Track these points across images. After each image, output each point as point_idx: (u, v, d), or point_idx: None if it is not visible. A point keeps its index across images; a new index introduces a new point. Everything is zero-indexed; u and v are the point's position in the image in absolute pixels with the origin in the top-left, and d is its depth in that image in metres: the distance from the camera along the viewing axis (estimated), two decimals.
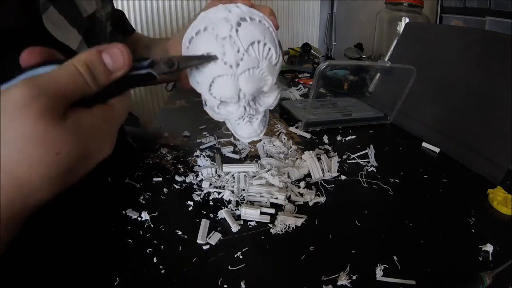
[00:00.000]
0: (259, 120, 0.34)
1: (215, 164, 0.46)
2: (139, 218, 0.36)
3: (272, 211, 0.37)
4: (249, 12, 0.28)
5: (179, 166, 0.46)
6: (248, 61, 0.27)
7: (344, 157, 0.50)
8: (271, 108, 0.34)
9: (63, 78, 0.20)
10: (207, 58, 0.27)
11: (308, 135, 0.58)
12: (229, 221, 0.35)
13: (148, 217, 0.36)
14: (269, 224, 0.35)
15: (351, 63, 1.04)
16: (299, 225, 0.35)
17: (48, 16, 0.33)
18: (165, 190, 0.41)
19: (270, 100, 0.33)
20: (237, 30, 0.27)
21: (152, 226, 0.35)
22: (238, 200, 0.39)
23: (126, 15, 0.61)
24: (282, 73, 1.12)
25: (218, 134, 0.58)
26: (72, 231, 0.33)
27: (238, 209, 0.37)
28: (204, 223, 0.35)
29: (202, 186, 0.41)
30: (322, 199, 0.40)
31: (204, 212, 0.37)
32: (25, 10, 0.31)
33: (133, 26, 0.62)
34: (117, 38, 0.54)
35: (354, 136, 0.58)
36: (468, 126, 0.51)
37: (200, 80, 0.29)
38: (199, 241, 0.32)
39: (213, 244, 0.32)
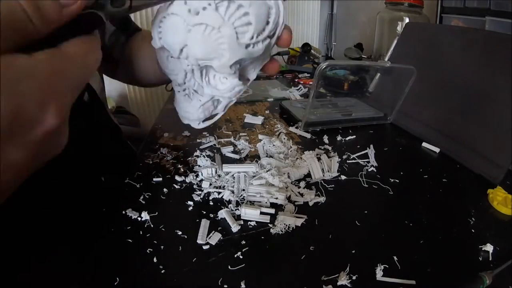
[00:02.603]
0: (202, 103, 0.29)
1: (215, 164, 0.46)
2: (139, 218, 0.36)
3: (272, 211, 0.37)
4: None
5: (179, 166, 0.46)
6: (209, 16, 0.22)
7: (344, 157, 0.50)
8: (226, 101, 0.29)
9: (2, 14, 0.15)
10: None
11: (308, 135, 0.58)
12: (229, 221, 0.35)
13: (148, 217, 0.36)
14: (269, 224, 0.35)
15: (351, 63, 1.04)
16: (299, 225, 0.35)
17: None
18: (165, 190, 0.41)
19: (221, 85, 0.27)
20: None
21: (152, 226, 0.35)
22: (238, 200, 0.39)
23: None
24: (282, 73, 1.12)
25: (218, 134, 0.58)
26: (72, 231, 0.33)
27: (238, 209, 0.37)
28: (204, 223, 0.35)
29: (202, 186, 0.41)
30: (322, 199, 0.40)
31: (204, 212, 0.37)
32: None
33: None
34: (121, 38, 0.53)
35: (354, 136, 0.58)
36: (468, 126, 0.51)
37: (157, 17, 0.25)
38: (199, 241, 0.32)
39: (213, 244, 0.32)
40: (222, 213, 0.36)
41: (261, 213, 0.36)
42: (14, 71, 0.15)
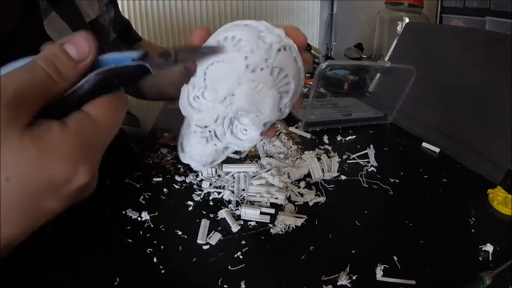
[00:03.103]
0: (216, 148, 0.30)
1: None
2: (139, 218, 0.36)
3: (272, 211, 0.37)
4: (290, 45, 0.27)
5: (179, 166, 0.46)
6: (263, 76, 0.25)
7: (344, 157, 0.50)
8: (232, 150, 0.31)
9: (23, 78, 0.17)
10: (216, 49, 0.25)
11: (308, 135, 0.58)
12: (229, 221, 0.35)
13: (148, 217, 0.36)
14: (269, 224, 0.35)
15: (351, 63, 1.04)
16: (299, 225, 0.35)
17: (50, 21, 0.33)
18: (165, 190, 0.41)
19: (242, 136, 0.29)
20: (278, 50, 0.25)
21: (152, 226, 0.35)
22: (238, 200, 0.39)
23: (126, 15, 0.61)
24: None
25: None
26: (72, 231, 0.33)
27: (238, 209, 0.37)
28: (204, 223, 0.35)
29: (202, 186, 0.41)
30: (322, 199, 0.40)
31: (204, 212, 0.37)
32: (26, 15, 0.31)
33: (133, 26, 0.62)
34: (121, 47, 0.53)
35: (354, 136, 0.58)
36: (468, 126, 0.51)
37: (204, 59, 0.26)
38: (199, 241, 0.32)
39: (213, 244, 0.32)
40: (222, 213, 0.36)
41: (261, 213, 0.36)
42: (50, 142, 0.18)
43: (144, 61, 0.20)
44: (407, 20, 0.90)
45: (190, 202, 0.38)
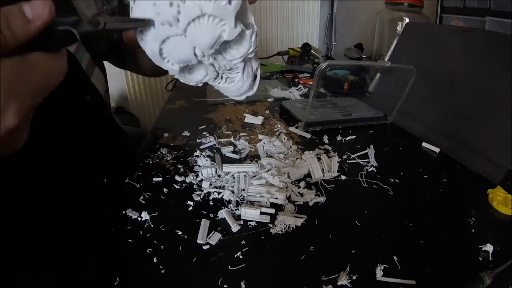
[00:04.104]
0: (242, 73, 0.29)
1: (215, 164, 0.46)
2: (139, 218, 0.36)
3: (272, 211, 0.37)
4: None
5: (179, 166, 0.46)
6: (187, 11, 0.23)
7: (344, 157, 0.50)
8: (251, 56, 0.29)
9: None
10: (141, 22, 0.24)
11: (308, 135, 0.58)
12: (229, 221, 0.35)
13: (148, 217, 0.36)
14: (269, 224, 0.35)
15: (351, 63, 1.04)
16: (299, 225, 0.35)
17: None
18: (165, 190, 0.41)
19: (241, 49, 0.27)
20: None
21: (152, 226, 0.35)
22: (238, 200, 0.39)
23: None
24: (282, 73, 1.12)
25: (218, 134, 0.58)
26: (72, 231, 0.33)
27: (238, 209, 0.37)
28: (204, 223, 0.35)
29: (202, 186, 0.41)
30: (322, 199, 0.40)
31: (204, 212, 0.37)
32: None
33: None
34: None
35: (354, 136, 0.58)
36: (468, 126, 0.51)
37: (150, 49, 0.25)
38: (199, 241, 0.32)
39: (213, 244, 0.32)
40: (222, 213, 0.36)
41: (261, 213, 0.36)
42: None
43: (73, 27, 0.21)
44: (407, 20, 0.90)
45: (190, 202, 0.38)
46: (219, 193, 0.40)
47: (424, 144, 0.56)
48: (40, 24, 0.19)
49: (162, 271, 0.29)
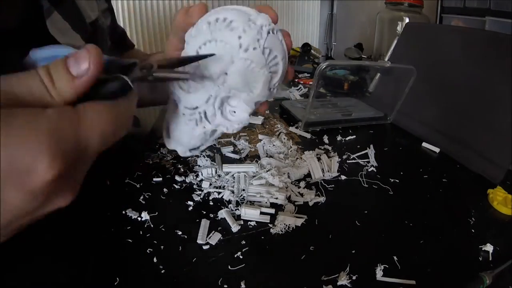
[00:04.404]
0: (204, 130, 0.30)
1: (215, 164, 0.46)
2: (139, 218, 0.36)
3: (272, 211, 0.37)
4: (277, 29, 0.28)
5: (179, 166, 0.46)
6: (256, 55, 0.26)
7: (344, 157, 0.50)
8: (220, 133, 0.31)
9: (21, 86, 0.17)
10: (203, 57, 0.26)
11: (308, 135, 0.58)
12: (229, 221, 0.35)
13: (148, 217, 0.36)
14: (269, 224, 0.35)
15: (351, 63, 1.04)
16: (299, 225, 0.35)
17: (52, 21, 0.33)
18: (165, 190, 0.41)
19: (232, 117, 0.30)
20: (268, 32, 0.27)
21: (152, 226, 0.35)
22: (238, 200, 0.39)
23: (120, 14, 0.62)
24: None
25: None
26: (72, 231, 0.33)
27: (238, 209, 0.37)
28: (204, 223, 0.35)
29: (202, 186, 0.41)
30: (322, 199, 0.40)
31: (204, 212, 0.37)
32: (29, 14, 0.31)
33: (123, 26, 0.63)
34: (115, 52, 0.54)
35: (354, 136, 0.58)
36: (468, 126, 0.51)
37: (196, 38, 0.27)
38: (199, 241, 0.32)
39: (213, 244, 0.32)
40: (222, 213, 0.36)
41: (261, 213, 0.36)
42: (19, 121, 0.16)
43: (125, 74, 0.20)
44: (407, 20, 0.90)
45: (190, 202, 0.38)
46: (219, 193, 0.40)
47: (424, 144, 0.56)
48: (87, 80, 0.18)
49: (162, 271, 0.29)
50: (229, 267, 0.30)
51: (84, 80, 0.18)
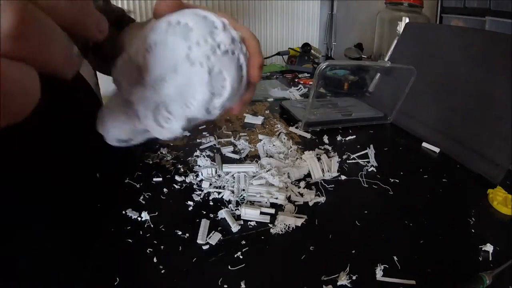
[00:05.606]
0: (134, 128, 0.29)
1: (215, 164, 0.46)
2: (139, 218, 0.36)
3: (272, 211, 0.37)
4: (241, 52, 0.25)
5: (179, 166, 0.46)
6: (200, 72, 0.24)
7: (344, 157, 0.50)
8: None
9: None
10: None
11: (308, 135, 0.58)
12: (229, 221, 0.35)
13: (148, 217, 0.36)
14: (269, 224, 0.35)
15: (351, 63, 1.04)
16: (299, 225, 0.35)
17: None
18: (165, 190, 0.41)
19: (165, 124, 0.27)
20: (225, 52, 0.24)
21: (152, 226, 0.35)
22: (238, 200, 0.39)
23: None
24: (282, 73, 1.12)
25: (218, 134, 0.58)
26: (72, 231, 0.33)
27: (238, 209, 0.37)
28: (204, 223, 0.35)
29: (202, 186, 0.41)
30: (322, 199, 0.40)
31: (204, 212, 0.37)
32: None
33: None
34: (114, 33, 0.53)
35: (354, 136, 0.58)
36: (468, 126, 0.51)
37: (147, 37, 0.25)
38: (199, 241, 0.32)
39: (213, 244, 0.32)
40: (222, 213, 0.36)
41: (261, 213, 0.36)
42: None
43: None
44: (407, 20, 0.90)
45: (190, 202, 0.38)
46: (219, 193, 0.40)
47: (424, 144, 0.56)
48: None
49: (162, 271, 0.29)
50: (229, 267, 0.30)
51: None
